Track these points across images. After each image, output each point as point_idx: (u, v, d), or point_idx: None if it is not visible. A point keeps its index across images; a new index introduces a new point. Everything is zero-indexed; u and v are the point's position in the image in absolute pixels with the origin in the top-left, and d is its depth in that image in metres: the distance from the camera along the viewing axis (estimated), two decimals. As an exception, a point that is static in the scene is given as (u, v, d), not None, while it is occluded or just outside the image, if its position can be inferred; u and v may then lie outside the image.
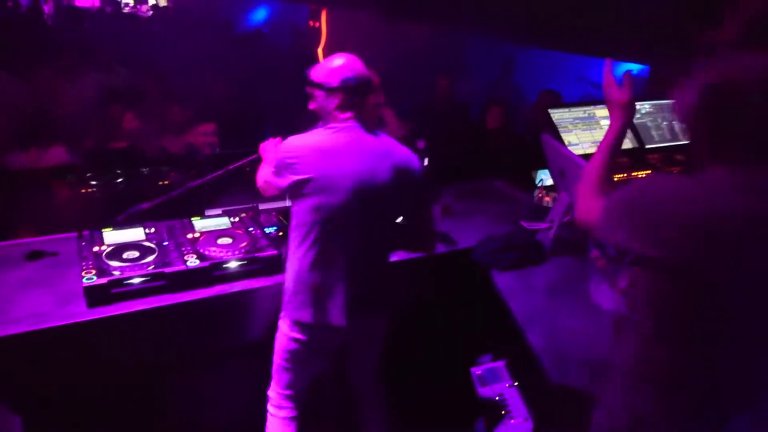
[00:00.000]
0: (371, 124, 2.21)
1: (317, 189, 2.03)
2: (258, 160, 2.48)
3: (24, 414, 2.14)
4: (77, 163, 3.42)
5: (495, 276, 2.78)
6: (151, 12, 13.11)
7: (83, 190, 3.10)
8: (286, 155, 2.07)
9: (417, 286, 2.89)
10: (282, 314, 2.22)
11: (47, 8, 11.24)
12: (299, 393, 2.31)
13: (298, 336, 2.18)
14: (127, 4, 14.64)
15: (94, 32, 8.63)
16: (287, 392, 2.29)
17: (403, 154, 2.20)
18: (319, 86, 2.14)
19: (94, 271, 2.30)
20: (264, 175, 2.30)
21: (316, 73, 2.16)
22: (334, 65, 2.14)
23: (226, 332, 2.39)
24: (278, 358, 2.27)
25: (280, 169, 2.09)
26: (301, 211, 2.09)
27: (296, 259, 2.14)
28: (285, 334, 2.21)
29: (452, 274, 2.93)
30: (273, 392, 2.31)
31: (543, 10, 5.73)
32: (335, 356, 2.41)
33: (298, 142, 2.09)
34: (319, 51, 10.29)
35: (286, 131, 2.25)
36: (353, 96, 2.12)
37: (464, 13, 6.65)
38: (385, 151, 2.14)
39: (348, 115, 2.13)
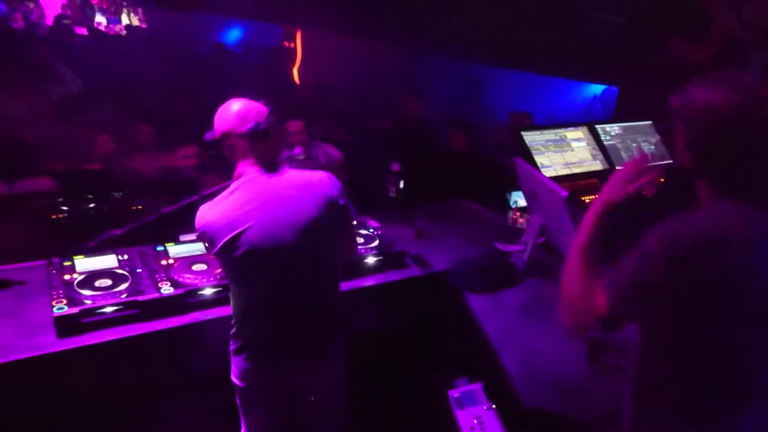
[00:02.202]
0: (273, 162, 2.11)
1: (244, 244, 1.96)
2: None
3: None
4: (48, 188, 3.36)
5: (469, 298, 2.80)
6: (125, 32, 13.02)
7: (53, 216, 3.05)
8: (200, 229, 2.01)
9: (392, 308, 2.91)
10: (230, 352, 2.18)
11: (15, 24, 11.09)
12: None
13: (237, 383, 2.15)
14: (99, 23, 14.52)
15: (59, 50, 8.55)
16: None
17: (316, 183, 2.10)
18: (211, 141, 2.10)
19: (64, 301, 2.25)
20: None
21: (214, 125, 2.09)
22: (219, 115, 2.08)
23: (200, 360, 2.36)
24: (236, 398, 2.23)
25: (202, 241, 2.07)
26: (230, 270, 2.06)
27: (235, 304, 2.10)
28: (233, 372, 2.18)
29: (427, 296, 2.95)
30: None
31: (507, 31, 5.87)
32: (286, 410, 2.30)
33: (206, 216, 2.01)
34: (294, 70, 10.36)
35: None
36: (240, 145, 2.04)
37: (427, 34, 6.78)
38: (299, 189, 2.06)
39: (244, 166, 2.06)
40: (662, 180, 3.59)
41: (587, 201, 3.34)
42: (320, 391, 2.31)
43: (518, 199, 3.64)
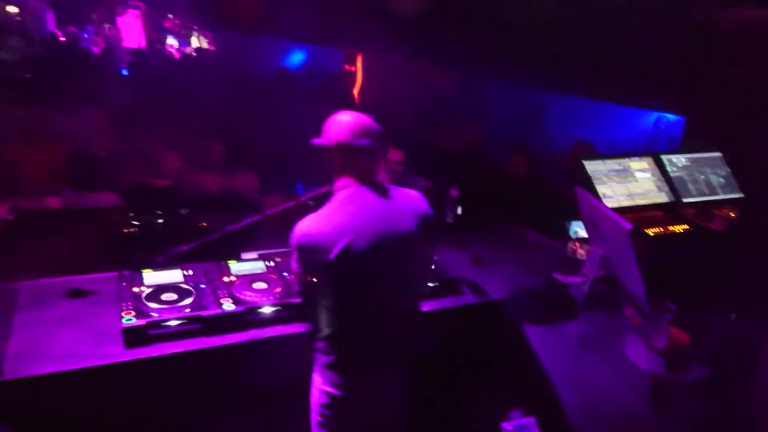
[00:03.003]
0: (376, 182, 2.15)
1: (336, 266, 2.00)
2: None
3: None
4: (118, 203, 3.53)
5: (527, 329, 2.75)
6: (195, 54, 13.60)
7: (125, 230, 3.19)
8: (305, 240, 2.04)
9: (447, 336, 2.88)
10: (315, 368, 2.22)
11: (96, 49, 11.78)
12: None
13: (330, 390, 2.16)
14: (170, 45, 15.25)
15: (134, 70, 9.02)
16: None
17: (412, 198, 2.21)
18: (320, 147, 2.14)
19: (133, 312, 2.35)
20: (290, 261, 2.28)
21: (323, 133, 2.13)
22: (333, 124, 2.12)
23: (258, 377, 2.40)
24: (315, 414, 2.24)
25: (298, 255, 2.10)
26: (323, 283, 2.10)
27: (326, 320, 2.13)
28: (318, 387, 2.21)
29: (482, 324, 2.91)
30: None
31: (572, 57, 5.80)
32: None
33: (313, 227, 2.04)
34: (355, 92, 10.56)
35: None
36: (350, 157, 2.08)
37: (488, 59, 6.77)
38: (399, 203, 2.15)
39: (348, 178, 2.10)
40: (732, 215, 3.46)
41: (651, 234, 3.24)
42: (394, 405, 2.33)
43: (578, 229, 3.57)
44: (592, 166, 3.46)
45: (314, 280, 2.15)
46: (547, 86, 6.64)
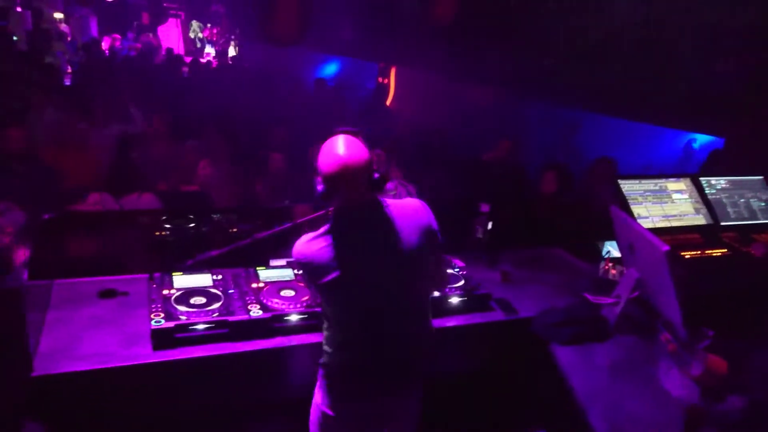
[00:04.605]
0: (372, 200, 2.08)
1: (340, 284, 1.98)
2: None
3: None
4: (153, 206, 3.59)
5: (555, 349, 2.69)
6: (231, 63, 13.85)
7: (157, 233, 3.24)
8: (300, 259, 2.03)
9: (473, 352, 2.84)
10: (317, 383, 2.18)
11: (135, 55, 12.08)
12: None
13: (327, 411, 2.12)
14: (208, 54, 15.57)
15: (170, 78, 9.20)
16: None
17: (413, 211, 2.12)
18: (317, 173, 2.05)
19: (162, 315, 2.37)
20: None
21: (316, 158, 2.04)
22: (323, 154, 2.01)
23: (283, 385, 2.40)
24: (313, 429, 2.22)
25: (302, 270, 2.09)
26: (328, 299, 2.07)
27: (329, 334, 2.11)
28: (316, 404, 2.17)
29: (510, 342, 2.86)
30: None
31: (610, 77, 5.74)
32: None
33: (308, 247, 2.02)
34: (387, 104, 10.60)
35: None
36: (338, 185, 1.98)
37: (527, 79, 6.73)
38: (398, 218, 2.06)
39: (341, 202, 2.04)
40: (774, 240, 3.35)
41: (688, 257, 3.15)
42: (399, 425, 2.28)
43: (611, 249, 3.49)
44: (627, 185, 3.39)
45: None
46: (585, 105, 6.56)
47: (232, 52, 15.01)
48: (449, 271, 3.04)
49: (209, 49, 15.95)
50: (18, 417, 2.06)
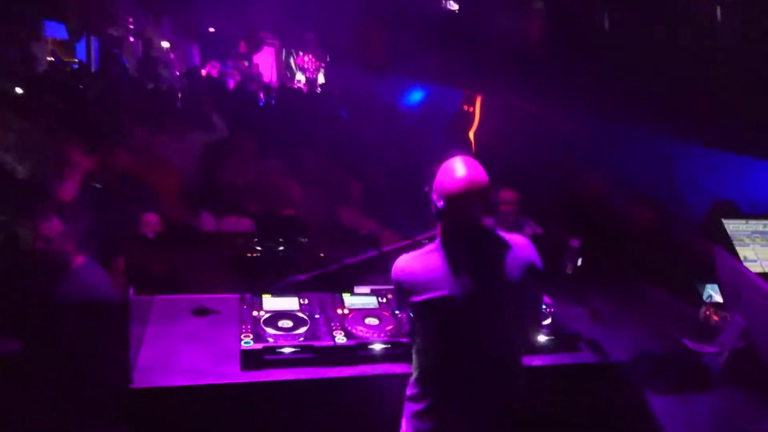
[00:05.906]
0: (480, 227, 2.06)
1: (443, 304, 1.97)
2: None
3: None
4: (248, 229, 3.74)
5: (651, 398, 2.53)
6: (320, 90, 14.31)
7: (248, 254, 3.36)
8: (399, 279, 2.05)
9: (560, 394, 2.72)
10: (403, 416, 2.15)
11: (232, 79, 12.72)
12: None
13: None
14: (298, 81, 16.19)
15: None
16: None
17: (518, 245, 2.08)
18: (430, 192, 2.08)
19: (251, 336, 2.44)
20: None
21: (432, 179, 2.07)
22: (441, 173, 2.04)
23: (367, 415, 2.39)
24: None
25: (399, 290, 2.09)
26: (423, 325, 2.06)
27: (418, 364, 2.09)
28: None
29: (600, 387, 2.72)
30: None
31: (709, 104, 5.39)
32: None
33: (408, 267, 2.04)
34: (471, 134, 10.55)
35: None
36: (452, 206, 1.99)
37: (620, 104, 6.45)
38: (503, 251, 2.04)
39: (450, 225, 2.04)
40: None
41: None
42: None
43: (713, 292, 3.27)
44: (732, 225, 3.19)
45: (411, 315, 2.12)
46: (685, 136, 6.21)
47: (321, 79, 15.52)
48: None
49: (300, 76, 16.58)
50: (116, 427, 2.17)
